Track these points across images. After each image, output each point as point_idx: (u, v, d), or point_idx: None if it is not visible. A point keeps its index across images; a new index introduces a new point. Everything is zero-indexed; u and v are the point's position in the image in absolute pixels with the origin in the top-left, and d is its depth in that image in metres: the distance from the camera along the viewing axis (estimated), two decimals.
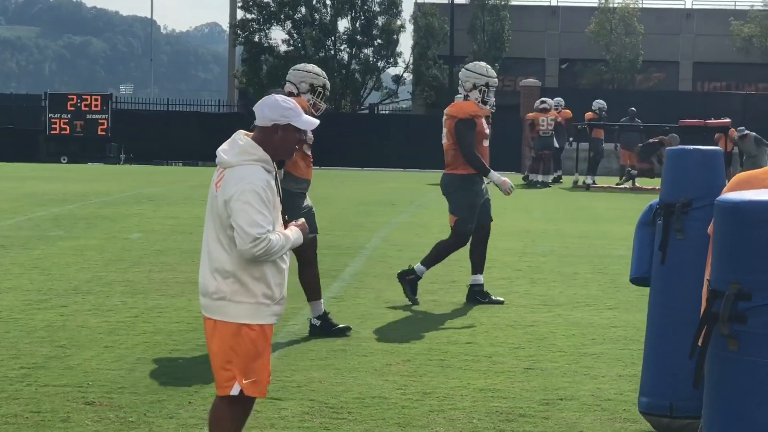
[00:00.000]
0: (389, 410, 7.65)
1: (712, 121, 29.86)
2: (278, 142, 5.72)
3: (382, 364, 9.02)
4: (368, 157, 42.66)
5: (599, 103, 33.18)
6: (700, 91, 55.67)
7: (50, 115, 43.87)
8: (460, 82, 12.33)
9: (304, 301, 10.47)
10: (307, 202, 10.24)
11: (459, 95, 12.48)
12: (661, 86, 56.83)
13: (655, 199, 7.61)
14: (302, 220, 6.02)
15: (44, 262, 14.16)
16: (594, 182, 31.73)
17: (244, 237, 5.56)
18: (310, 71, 10.38)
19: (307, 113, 10.04)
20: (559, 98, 33.76)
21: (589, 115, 32.82)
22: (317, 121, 5.88)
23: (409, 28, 55.85)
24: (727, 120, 30.05)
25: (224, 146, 5.73)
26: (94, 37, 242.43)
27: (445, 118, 12.17)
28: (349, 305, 11.48)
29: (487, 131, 12.21)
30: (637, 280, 8.77)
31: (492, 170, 12.02)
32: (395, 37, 52.00)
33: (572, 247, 16.91)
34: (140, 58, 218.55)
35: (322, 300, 10.36)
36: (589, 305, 11.94)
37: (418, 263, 12.06)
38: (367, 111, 52.69)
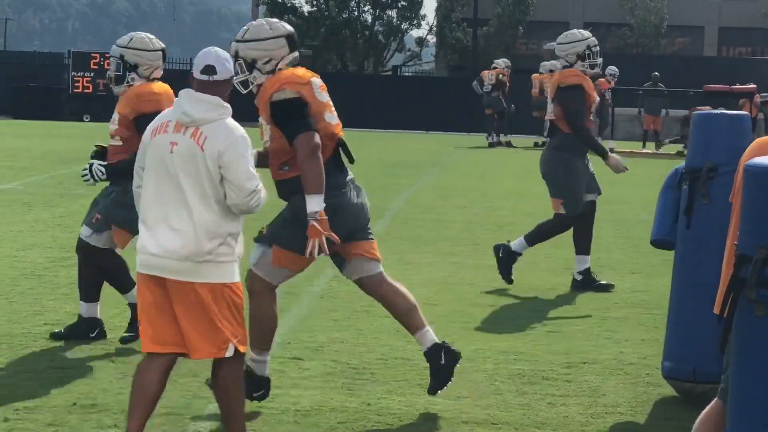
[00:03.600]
0: (411, 371, 7.66)
1: (738, 86, 29.66)
2: (228, 97, 5.70)
3: None
4: (391, 119, 42.52)
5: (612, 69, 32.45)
6: (725, 56, 55.27)
7: (73, 73, 43.83)
8: None
9: (325, 262, 10.44)
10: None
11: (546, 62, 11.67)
12: (686, 51, 56.45)
13: (680, 163, 7.58)
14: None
15: (67, 220, 14.20)
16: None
17: (242, 190, 5.48)
18: None
19: None
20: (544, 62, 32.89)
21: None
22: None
23: None
24: (753, 86, 29.85)
25: (184, 105, 5.60)
26: None
27: None
28: None
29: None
30: (658, 242, 8.74)
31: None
32: None
33: None
34: (163, 18, 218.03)
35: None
36: (613, 269, 11.91)
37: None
38: (390, 73, 52.52)
